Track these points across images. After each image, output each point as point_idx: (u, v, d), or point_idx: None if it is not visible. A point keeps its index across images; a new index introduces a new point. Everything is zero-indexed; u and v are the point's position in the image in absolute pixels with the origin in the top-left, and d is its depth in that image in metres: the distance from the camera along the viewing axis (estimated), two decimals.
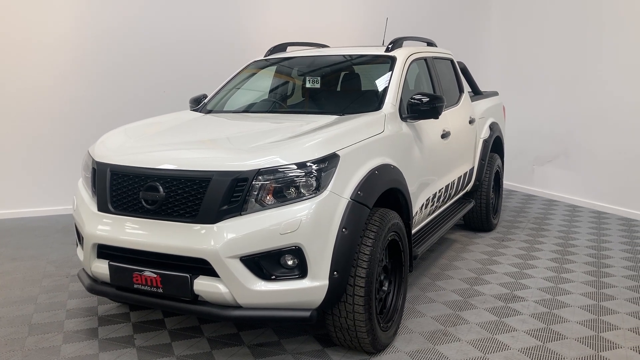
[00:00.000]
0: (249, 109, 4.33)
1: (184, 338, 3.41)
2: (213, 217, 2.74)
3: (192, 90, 5.23)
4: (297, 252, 2.72)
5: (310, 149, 2.88)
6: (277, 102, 4.52)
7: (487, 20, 8.56)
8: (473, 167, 5.33)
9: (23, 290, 4.22)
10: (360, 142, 3.14)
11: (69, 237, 5.62)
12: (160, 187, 2.87)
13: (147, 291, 2.89)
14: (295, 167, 2.78)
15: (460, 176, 4.89)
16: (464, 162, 5.00)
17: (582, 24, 6.86)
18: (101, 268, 3.05)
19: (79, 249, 3.41)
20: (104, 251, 3.05)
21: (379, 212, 3.14)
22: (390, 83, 3.86)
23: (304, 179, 2.78)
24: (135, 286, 2.91)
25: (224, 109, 4.32)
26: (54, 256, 5.06)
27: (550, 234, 5.70)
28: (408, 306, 3.83)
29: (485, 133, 5.58)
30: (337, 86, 4.43)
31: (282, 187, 2.77)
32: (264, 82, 4.67)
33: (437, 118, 3.81)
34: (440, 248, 5.22)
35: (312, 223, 2.72)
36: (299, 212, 2.72)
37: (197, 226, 2.76)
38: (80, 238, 3.30)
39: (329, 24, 7.52)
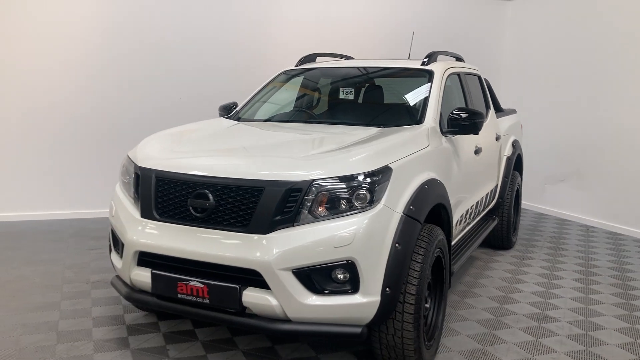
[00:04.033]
0: (283, 119, 4.27)
1: (219, 350, 3.32)
2: (265, 227, 2.67)
3: (210, 99, 5.17)
4: (350, 267, 2.65)
5: (364, 160, 2.82)
6: (313, 113, 4.44)
7: (501, 39, 8.60)
8: (497, 185, 5.31)
9: (44, 296, 4.10)
10: (409, 155, 3.09)
11: (83, 242, 5.51)
12: (210, 195, 2.79)
13: (191, 301, 2.80)
14: (349, 179, 2.72)
15: (488, 193, 4.86)
16: (490, 179, 4.97)
17: (597, 45, 6.90)
18: (142, 276, 2.95)
19: (113, 254, 3.31)
20: (145, 259, 2.95)
21: (427, 228, 3.09)
22: (430, 97, 3.82)
23: (358, 192, 2.72)
24: (180, 296, 2.81)
25: (257, 118, 4.25)
26: (70, 261, 4.94)
27: (570, 254, 5.67)
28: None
29: (508, 150, 5.56)
30: (374, 98, 4.36)
31: (336, 199, 2.71)
32: (297, 92, 4.61)
33: (477, 134, 3.78)
34: (463, 265, 5.17)
35: (366, 237, 2.65)
36: (352, 225, 2.65)
37: (249, 236, 2.68)
38: (117, 244, 3.20)
39: (345, 37, 7.50)
